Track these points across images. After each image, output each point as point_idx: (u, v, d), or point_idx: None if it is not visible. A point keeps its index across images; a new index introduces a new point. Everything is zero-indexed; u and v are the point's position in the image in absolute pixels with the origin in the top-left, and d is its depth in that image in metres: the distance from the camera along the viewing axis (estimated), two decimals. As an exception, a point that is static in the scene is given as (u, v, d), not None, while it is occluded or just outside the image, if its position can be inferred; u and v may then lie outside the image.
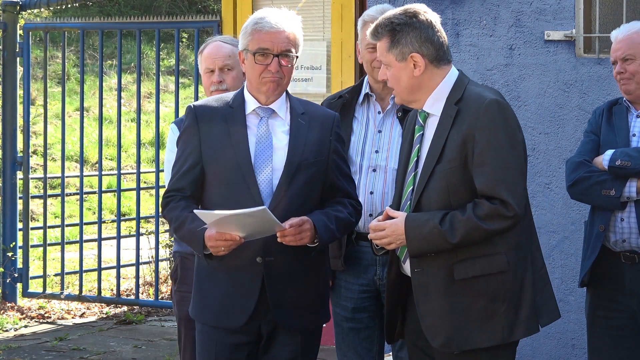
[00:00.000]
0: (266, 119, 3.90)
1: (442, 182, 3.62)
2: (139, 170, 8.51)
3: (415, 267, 3.66)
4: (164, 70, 17.08)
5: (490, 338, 3.61)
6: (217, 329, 3.90)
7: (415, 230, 3.60)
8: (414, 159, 3.73)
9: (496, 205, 3.56)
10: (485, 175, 3.57)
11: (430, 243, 3.59)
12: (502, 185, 3.56)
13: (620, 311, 4.35)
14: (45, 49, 8.74)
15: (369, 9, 4.53)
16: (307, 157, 3.86)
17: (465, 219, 3.56)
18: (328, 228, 3.82)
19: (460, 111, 3.64)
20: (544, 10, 5.92)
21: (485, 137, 3.57)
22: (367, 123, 4.49)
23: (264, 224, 3.69)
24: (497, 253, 3.61)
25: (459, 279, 3.60)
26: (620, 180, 4.25)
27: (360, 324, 4.47)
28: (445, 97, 3.69)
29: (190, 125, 3.92)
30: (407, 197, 3.72)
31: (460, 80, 3.73)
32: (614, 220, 4.32)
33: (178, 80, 8.31)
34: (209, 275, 3.93)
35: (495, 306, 3.61)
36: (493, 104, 3.60)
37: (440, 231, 3.56)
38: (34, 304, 8.59)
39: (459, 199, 3.61)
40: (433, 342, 3.65)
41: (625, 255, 4.32)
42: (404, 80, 3.70)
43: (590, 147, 4.42)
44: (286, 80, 3.89)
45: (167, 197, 3.93)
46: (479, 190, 3.59)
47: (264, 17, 3.86)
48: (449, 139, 3.63)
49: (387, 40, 3.69)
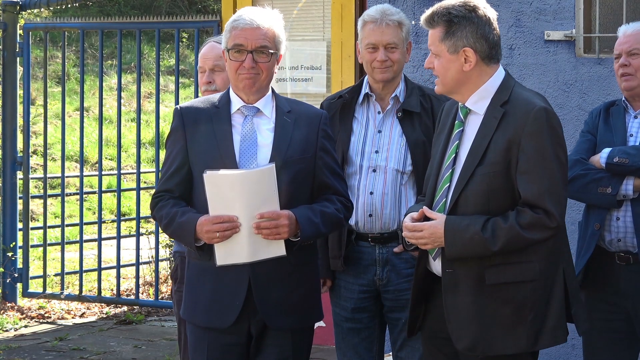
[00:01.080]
0: (251, 118, 3.91)
1: (482, 185, 3.58)
2: (139, 170, 8.51)
3: (447, 267, 3.63)
4: (164, 70, 17.08)
5: (515, 345, 3.58)
6: (207, 329, 3.91)
7: (456, 235, 3.56)
8: (452, 155, 3.68)
9: (540, 215, 3.54)
10: (531, 184, 3.54)
11: (469, 249, 3.56)
12: (547, 195, 3.54)
13: (614, 313, 4.34)
14: (45, 49, 8.74)
15: (369, 9, 4.53)
16: (292, 154, 3.86)
17: (508, 227, 3.53)
18: (311, 222, 3.80)
19: (507, 114, 3.60)
20: (544, 10, 5.92)
21: (533, 145, 3.54)
22: (367, 123, 4.48)
23: (266, 192, 3.68)
24: (530, 261, 3.59)
25: (490, 283, 3.58)
26: (617, 178, 4.24)
27: (360, 324, 4.47)
28: (491, 97, 3.66)
29: (176, 127, 3.94)
30: (443, 194, 3.67)
31: (507, 82, 3.69)
32: (609, 219, 4.30)
33: (178, 80, 8.32)
34: (198, 275, 3.94)
35: (522, 314, 3.58)
36: (542, 111, 3.56)
37: (482, 238, 3.53)
38: (34, 304, 8.58)
39: (497, 204, 3.58)
40: (458, 344, 3.62)
41: (620, 256, 4.31)
42: (452, 72, 3.65)
43: (587, 146, 4.41)
44: (264, 76, 3.88)
45: (156, 198, 3.95)
46: (524, 198, 3.56)
47: (241, 15, 3.89)
48: (492, 142, 3.59)
49: (442, 30, 3.64)
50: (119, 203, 8.62)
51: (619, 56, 4.37)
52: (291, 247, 3.81)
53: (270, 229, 3.71)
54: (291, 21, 6.98)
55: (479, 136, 3.62)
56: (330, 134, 4.04)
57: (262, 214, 3.69)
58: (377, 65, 4.40)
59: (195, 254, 3.86)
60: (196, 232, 3.75)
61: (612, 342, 4.35)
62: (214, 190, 3.68)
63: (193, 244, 3.79)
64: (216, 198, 3.69)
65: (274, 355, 3.89)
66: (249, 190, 3.67)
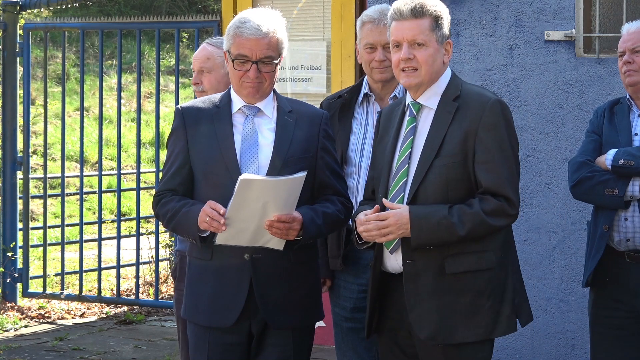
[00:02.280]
0: (252, 117, 3.92)
1: (441, 176, 3.66)
2: (139, 170, 8.51)
3: (407, 258, 3.69)
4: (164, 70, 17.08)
5: (475, 333, 3.68)
6: (208, 329, 3.91)
7: (422, 221, 3.62)
8: (407, 150, 3.75)
9: (502, 203, 3.65)
10: (492, 173, 3.65)
11: (436, 234, 3.62)
12: (507, 183, 3.67)
13: (623, 311, 4.34)
14: (45, 49, 8.74)
15: (368, 9, 4.53)
16: (294, 154, 3.87)
17: (473, 213, 3.62)
18: (314, 224, 3.82)
19: (461, 108, 3.70)
20: (544, 10, 5.92)
21: (491, 135, 3.66)
22: (367, 123, 4.49)
23: (289, 197, 3.71)
24: (487, 250, 3.69)
25: (450, 272, 3.66)
26: (623, 180, 4.25)
27: (359, 324, 4.47)
28: (441, 93, 3.76)
29: (177, 127, 3.95)
30: (400, 189, 3.73)
31: (455, 78, 3.81)
32: (617, 219, 4.32)
33: (178, 80, 8.32)
34: (199, 275, 3.94)
35: (480, 302, 3.67)
36: (497, 104, 3.69)
37: (449, 222, 3.61)
38: (34, 304, 8.58)
39: (455, 194, 3.67)
40: (420, 333, 3.68)
41: (630, 255, 4.32)
42: (437, 63, 3.74)
43: (593, 147, 4.42)
44: (267, 83, 3.90)
45: (158, 196, 3.96)
46: (485, 187, 3.66)
47: (244, 22, 3.85)
48: (448, 134, 3.68)
49: (431, 21, 3.71)
50: (119, 203, 8.62)
51: (623, 53, 4.38)
52: (291, 246, 3.82)
53: (282, 230, 3.73)
54: (291, 21, 6.99)
55: (434, 130, 3.72)
56: (331, 134, 4.05)
57: (279, 217, 3.71)
58: (375, 65, 4.41)
59: (198, 244, 3.84)
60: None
61: (620, 340, 4.35)
62: (242, 191, 3.69)
63: (197, 232, 3.79)
64: (241, 197, 3.70)
65: (275, 355, 3.90)
66: (274, 194, 3.70)
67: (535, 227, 5.93)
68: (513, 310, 3.74)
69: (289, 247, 3.82)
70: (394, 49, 3.76)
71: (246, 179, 3.66)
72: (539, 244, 5.92)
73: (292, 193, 3.73)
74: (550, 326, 5.96)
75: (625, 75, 4.37)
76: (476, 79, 5.97)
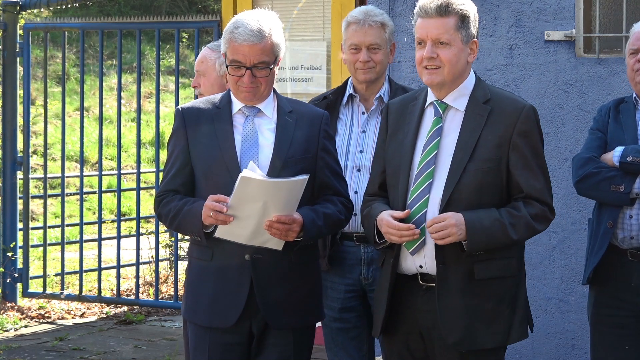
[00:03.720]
0: (252, 118, 3.92)
1: (475, 180, 3.63)
2: (139, 170, 8.51)
3: (439, 262, 3.65)
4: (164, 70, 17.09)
5: (493, 340, 3.67)
6: (209, 329, 3.91)
7: (477, 224, 3.58)
8: (434, 151, 3.69)
9: (545, 208, 3.68)
10: (533, 180, 3.66)
11: (492, 237, 3.60)
12: (546, 190, 3.71)
13: (625, 309, 4.34)
14: (45, 49, 8.74)
15: (353, 10, 4.53)
16: (294, 154, 3.87)
17: (522, 216, 3.63)
18: (315, 225, 3.82)
19: (493, 112, 3.67)
20: (544, 10, 5.92)
21: (527, 142, 3.66)
22: (352, 124, 4.50)
23: (289, 199, 3.71)
24: (511, 257, 3.70)
25: (479, 278, 3.64)
26: (630, 177, 4.26)
27: (348, 324, 4.48)
28: (469, 94, 3.71)
29: (178, 128, 3.95)
30: (424, 190, 3.67)
31: (480, 81, 3.77)
32: (622, 217, 4.32)
33: (178, 80, 8.32)
34: (200, 275, 3.94)
35: (500, 308, 3.67)
36: (532, 111, 3.70)
37: (503, 224, 3.60)
38: (34, 304, 8.58)
39: (488, 199, 3.64)
40: (449, 337, 3.65)
41: (632, 253, 4.32)
42: (462, 62, 3.69)
43: (598, 144, 4.42)
44: (264, 87, 3.89)
45: (160, 196, 3.96)
46: (527, 193, 3.66)
47: (238, 27, 3.83)
48: (482, 138, 3.64)
49: (457, 20, 3.66)
50: (119, 203, 8.62)
51: (635, 52, 4.37)
52: (291, 247, 3.82)
53: (281, 231, 3.73)
54: (291, 21, 6.98)
55: (465, 132, 3.67)
56: (331, 134, 4.05)
57: (279, 217, 3.71)
58: (359, 66, 4.43)
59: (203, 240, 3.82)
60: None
61: (621, 339, 4.35)
62: (242, 189, 3.69)
63: (201, 228, 3.79)
64: (241, 194, 3.70)
65: (276, 355, 3.90)
66: (275, 195, 3.70)
67: (535, 227, 5.93)
68: (525, 316, 3.75)
69: (290, 248, 3.82)
70: (418, 46, 3.70)
71: (246, 176, 3.66)
72: (539, 244, 5.91)
73: (294, 195, 3.73)
74: (550, 326, 5.96)
75: (637, 73, 4.36)
76: (476, 79, 5.96)
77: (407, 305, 3.76)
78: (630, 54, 4.40)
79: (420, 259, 3.69)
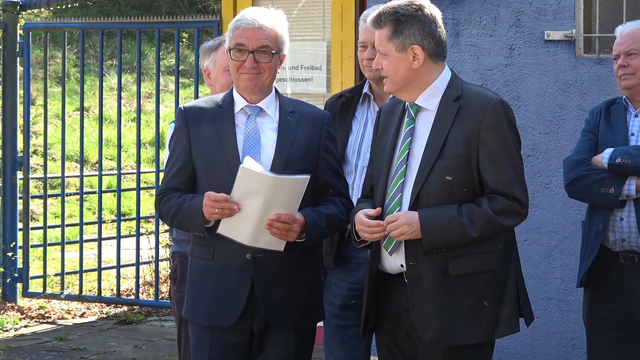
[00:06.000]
0: (254, 117, 3.93)
1: (443, 177, 3.64)
2: (139, 170, 8.52)
3: (410, 260, 3.68)
4: (164, 70, 17.08)
5: (476, 335, 3.67)
6: (209, 328, 3.91)
7: (432, 222, 3.60)
8: (405, 151, 3.73)
9: (512, 202, 3.65)
10: (499, 174, 3.64)
11: (448, 235, 3.61)
12: (515, 184, 3.67)
13: (619, 312, 4.34)
14: (45, 49, 8.74)
15: (369, 9, 4.54)
16: (296, 154, 3.88)
17: (483, 212, 3.62)
18: (318, 226, 3.83)
19: (462, 108, 3.68)
20: (544, 10, 5.91)
21: (495, 136, 3.65)
22: (366, 123, 4.50)
23: (290, 198, 3.71)
24: (489, 252, 3.68)
25: (454, 274, 3.64)
26: (619, 179, 4.24)
27: (347, 322, 4.49)
28: (442, 93, 3.74)
29: (180, 126, 3.96)
30: (397, 189, 3.72)
31: (455, 78, 3.79)
32: (613, 219, 4.30)
33: (178, 80, 8.32)
34: (201, 275, 3.94)
35: (482, 304, 3.67)
36: (499, 103, 3.68)
37: (460, 222, 3.59)
38: (34, 304, 8.59)
39: (458, 196, 3.65)
40: (424, 335, 3.66)
41: (625, 255, 4.31)
42: (401, 71, 3.71)
43: (589, 146, 4.41)
44: (266, 75, 3.89)
45: (161, 194, 3.96)
46: (493, 188, 3.65)
47: (243, 15, 3.89)
48: (450, 135, 3.66)
49: (390, 30, 3.70)
50: (119, 203, 8.62)
51: (617, 57, 4.37)
52: (293, 247, 3.82)
53: (282, 230, 3.73)
54: (291, 21, 6.97)
55: (435, 131, 3.70)
56: (333, 134, 4.06)
57: (279, 216, 3.71)
58: (365, 63, 4.45)
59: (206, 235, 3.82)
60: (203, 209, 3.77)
61: (616, 341, 4.35)
62: (243, 181, 3.70)
63: (202, 224, 3.78)
64: (242, 187, 3.71)
65: (276, 354, 3.90)
66: (275, 192, 3.70)
67: (535, 227, 5.93)
68: (515, 310, 3.73)
69: (291, 249, 3.82)
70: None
71: (246, 167, 3.67)
72: (539, 244, 5.91)
73: (295, 195, 3.73)
74: (550, 326, 5.96)
75: (621, 79, 4.36)
76: (476, 79, 5.96)
77: (393, 303, 3.79)
78: (613, 59, 4.41)
79: (400, 258, 3.72)
